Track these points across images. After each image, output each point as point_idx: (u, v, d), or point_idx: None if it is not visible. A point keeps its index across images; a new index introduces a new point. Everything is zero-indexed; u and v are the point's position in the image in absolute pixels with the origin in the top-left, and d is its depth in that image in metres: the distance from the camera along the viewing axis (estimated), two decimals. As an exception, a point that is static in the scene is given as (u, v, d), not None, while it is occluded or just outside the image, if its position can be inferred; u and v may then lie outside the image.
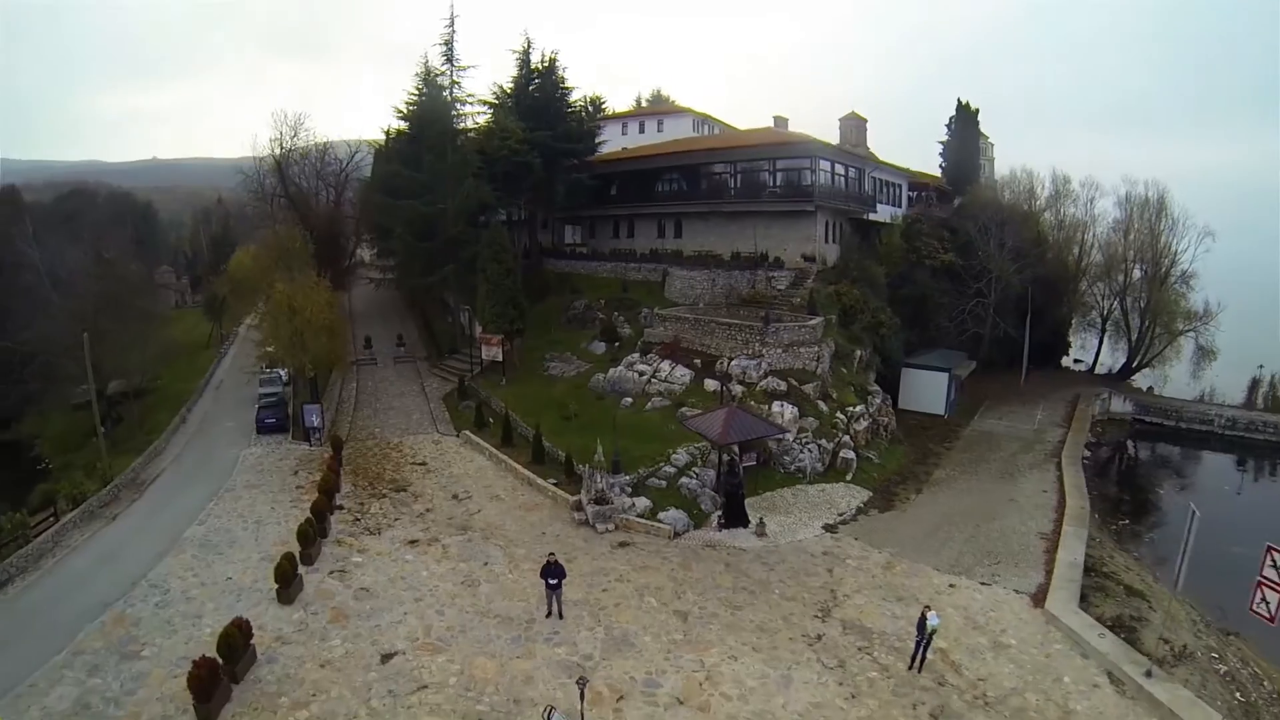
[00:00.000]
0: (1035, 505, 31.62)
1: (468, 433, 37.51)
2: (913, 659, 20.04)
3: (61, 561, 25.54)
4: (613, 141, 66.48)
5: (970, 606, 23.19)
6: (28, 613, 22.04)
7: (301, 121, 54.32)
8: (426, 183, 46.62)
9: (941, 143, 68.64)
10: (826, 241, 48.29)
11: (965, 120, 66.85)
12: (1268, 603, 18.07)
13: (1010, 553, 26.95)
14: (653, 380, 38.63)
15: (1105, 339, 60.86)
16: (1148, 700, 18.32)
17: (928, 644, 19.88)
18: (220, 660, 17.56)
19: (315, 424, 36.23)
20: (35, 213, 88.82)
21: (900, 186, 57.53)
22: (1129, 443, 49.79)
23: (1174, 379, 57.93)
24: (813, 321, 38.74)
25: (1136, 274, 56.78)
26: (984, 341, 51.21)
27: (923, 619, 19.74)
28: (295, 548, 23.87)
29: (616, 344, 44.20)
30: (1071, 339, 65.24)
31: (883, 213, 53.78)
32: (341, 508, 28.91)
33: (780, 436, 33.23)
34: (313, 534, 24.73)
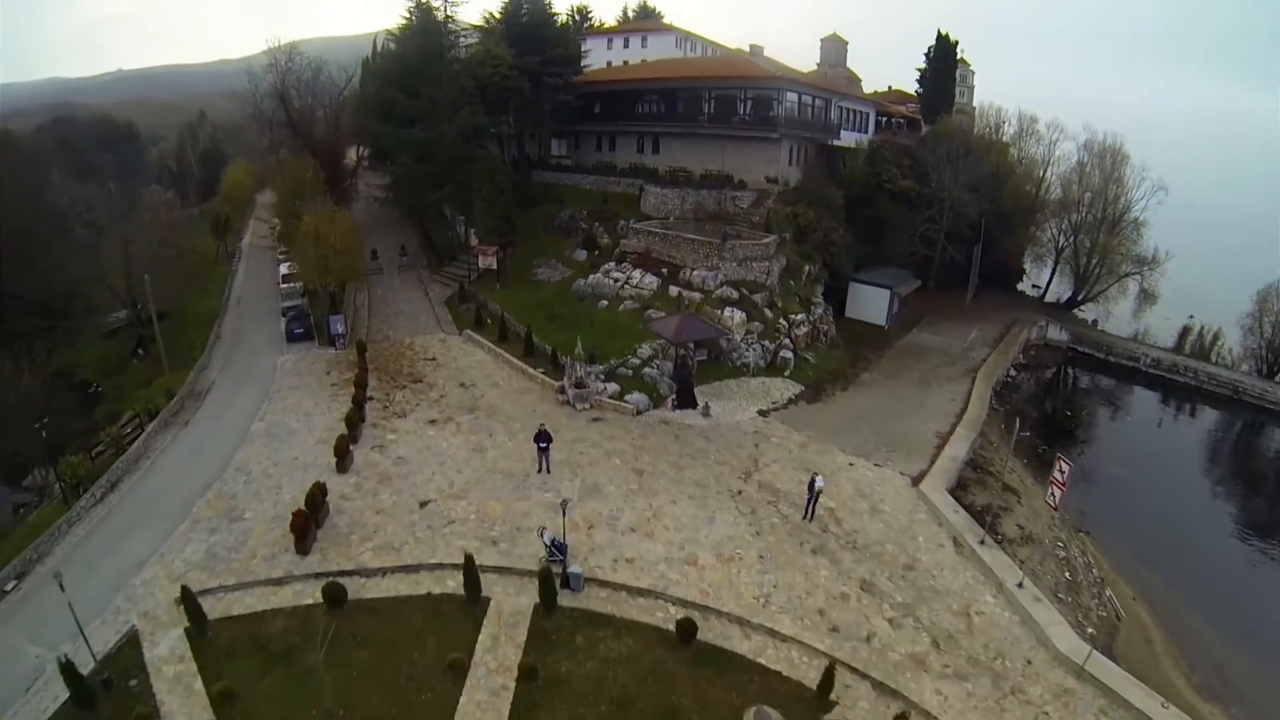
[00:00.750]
0: (941, 411, 38.87)
1: (469, 331, 44.40)
2: (805, 511, 28.03)
3: (156, 461, 32.22)
4: (597, 57, 70.27)
5: (861, 481, 30.96)
6: (146, 500, 29.08)
7: (296, 47, 57.60)
8: (425, 109, 51.51)
9: (920, 70, 72.30)
10: (790, 164, 53.82)
11: (943, 52, 70.33)
12: (1054, 496, 25.70)
13: (906, 445, 34.45)
14: (625, 286, 45.18)
15: (1057, 271, 66.23)
16: (976, 561, 26.07)
17: (816, 501, 27.66)
18: (308, 512, 25.18)
19: (339, 331, 43.04)
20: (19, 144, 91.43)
21: (868, 114, 62.11)
22: (1064, 369, 56.37)
23: (1117, 315, 63.43)
24: (766, 240, 45.12)
25: (1090, 217, 61.33)
26: (934, 263, 57.47)
27: (812, 481, 27.55)
28: (344, 431, 31.31)
29: (596, 252, 50.47)
30: (1026, 266, 70.32)
31: (848, 138, 58.73)
32: (372, 398, 35.97)
33: (727, 337, 40.42)
34: (356, 419, 32.18)
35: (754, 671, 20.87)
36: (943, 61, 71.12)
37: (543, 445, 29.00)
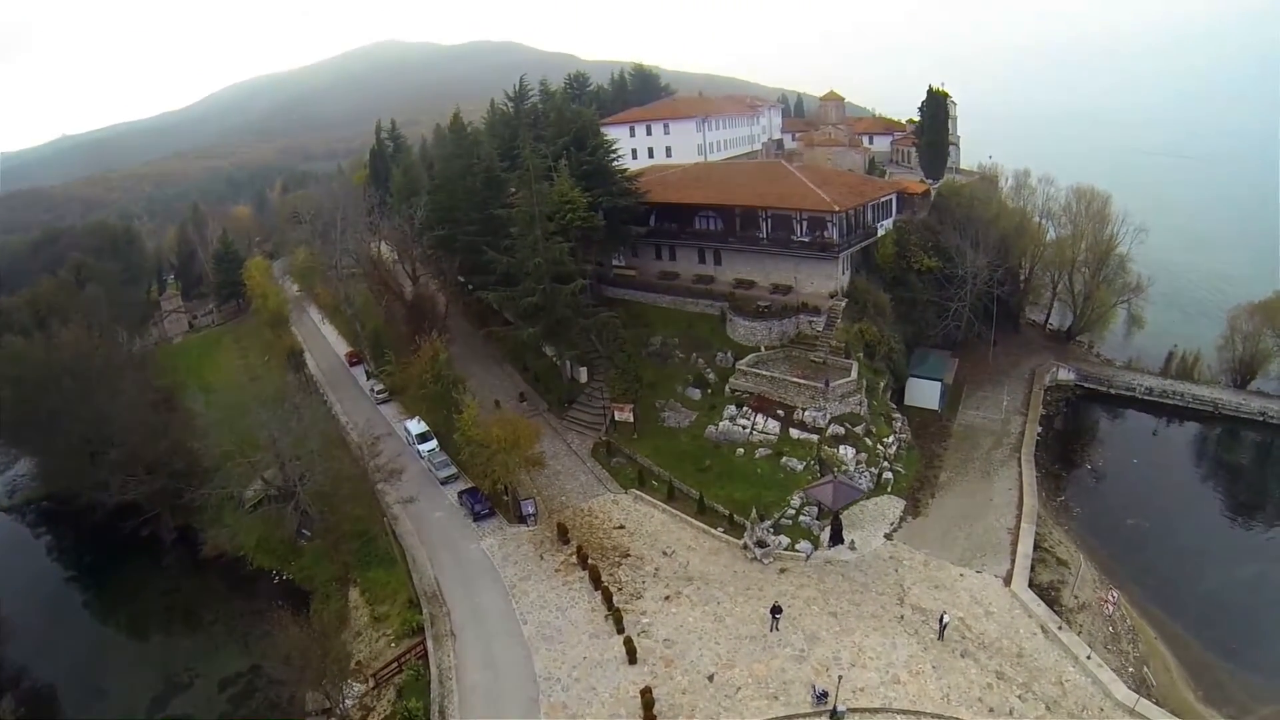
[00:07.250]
0: (1005, 503, 59.42)
1: (635, 492, 61.45)
2: (941, 631, 47.82)
3: (461, 682, 45.90)
4: (620, 142, 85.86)
5: (972, 588, 51.42)
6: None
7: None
8: (518, 262, 68.38)
9: (915, 123, 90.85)
10: (843, 273, 72.66)
11: (935, 105, 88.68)
12: (1108, 607, 47.66)
13: (991, 546, 55.01)
14: (753, 433, 63.55)
15: (1055, 303, 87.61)
16: (1058, 642, 46.55)
17: (945, 627, 47.64)
18: (644, 710, 43.36)
19: (530, 511, 59.87)
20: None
21: (891, 200, 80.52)
22: (1076, 404, 78.19)
23: (1110, 339, 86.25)
24: (852, 374, 63.83)
25: (1081, 257, 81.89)
26: (960, 333, 76.53)
27: (941, 617, 47.90)
28: (615, 627, 48.83)
29: (709, 390, 68.01)
30: (1029, 300, 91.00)
31: (879, 228, 77.47)
32: (604, 584, 53.05)
33: (861, 496, 58.75)
34: (619, 614, 50.43)
35: (957, 748, 42.04)
36: (936, 114, 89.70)
37: (776, 615, 48.41)
